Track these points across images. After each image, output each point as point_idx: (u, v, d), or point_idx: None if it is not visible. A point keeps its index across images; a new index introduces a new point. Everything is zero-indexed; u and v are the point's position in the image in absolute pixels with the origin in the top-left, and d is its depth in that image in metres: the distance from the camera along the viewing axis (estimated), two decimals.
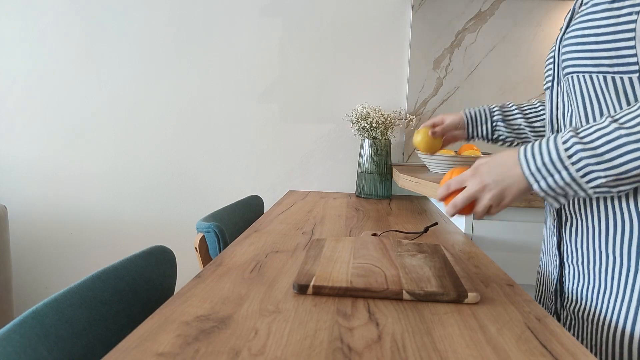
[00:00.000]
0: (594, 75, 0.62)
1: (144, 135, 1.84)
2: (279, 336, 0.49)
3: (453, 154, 1.31)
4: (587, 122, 0.64)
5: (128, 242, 1.89)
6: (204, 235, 1.01)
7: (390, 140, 1.64)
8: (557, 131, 0.72)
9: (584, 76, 0.63)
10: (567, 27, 0.70)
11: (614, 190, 0.56)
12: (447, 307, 0.59)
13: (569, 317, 0.70)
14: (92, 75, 1.82)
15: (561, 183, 0.58)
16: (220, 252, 1.00)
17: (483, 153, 1.43)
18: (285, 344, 0.47)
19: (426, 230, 1.01)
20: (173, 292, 0.79)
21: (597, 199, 0.64)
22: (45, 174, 1.87)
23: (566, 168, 0.57)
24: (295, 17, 1.76)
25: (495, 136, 0.99)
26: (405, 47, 1.75)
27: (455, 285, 0.63)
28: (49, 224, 1.89)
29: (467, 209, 0.68)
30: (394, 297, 0.61)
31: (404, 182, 1.33)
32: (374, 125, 1.57)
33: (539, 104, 0.96)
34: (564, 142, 0.57)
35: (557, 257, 0.72)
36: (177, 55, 1.80)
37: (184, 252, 1.80)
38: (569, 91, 0.67)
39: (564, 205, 0.70)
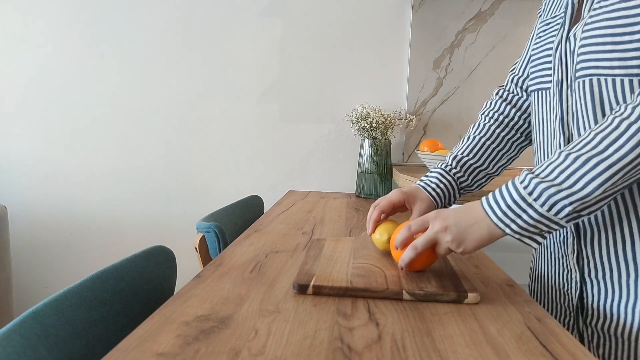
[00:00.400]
0: (617, 79, 0.57)
1: (144, 135, 1.84)
2: (279, 336, 0.49)
3: None
4: None
5: (128, 243, 1.89)
6: (204, 235, 1.01)
7: (390, 140, 1.64)
8: (569, 139, 0.65)
9: (605, 79, 0.58)
10: (571, 23, 0.65)
11: (584, 213, 0.54)
12: (447, 307, 0.58)
13: (597, 334, 0.65)
14: (92, 75, 1.82)
15: (531, 222, 0.56)
16: (220, 252, 1.00)
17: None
18: (285, 344, 0.47)
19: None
20: (173, 292, 0.79)
21: (619, 207, 0.60)
22: (45, 174, 1.87)
23: (531, 206, 0.55)
24: (295, 17, 1.76)
25: (461, 197, 0.88)
26: (405, 47, 1.75)
27: (455, 286, 0.63)
28: (49, 224, 1.89)
29: (425, 259, 0.64)
30: (394, 297, 0.61)
31: (404, 182, 1.33)
32: (374, 125, 1.57)
33: (476, 138, 0.85)
34: (522, 182, 0.56)
35: (577, 272, 0.67)
36: (177, 56, 1.80)
37: (184, 252, 1.80)
38: (583, 95, 0.61)
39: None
